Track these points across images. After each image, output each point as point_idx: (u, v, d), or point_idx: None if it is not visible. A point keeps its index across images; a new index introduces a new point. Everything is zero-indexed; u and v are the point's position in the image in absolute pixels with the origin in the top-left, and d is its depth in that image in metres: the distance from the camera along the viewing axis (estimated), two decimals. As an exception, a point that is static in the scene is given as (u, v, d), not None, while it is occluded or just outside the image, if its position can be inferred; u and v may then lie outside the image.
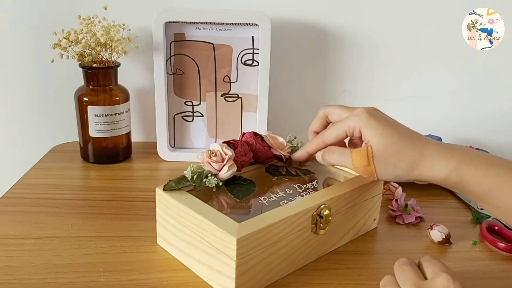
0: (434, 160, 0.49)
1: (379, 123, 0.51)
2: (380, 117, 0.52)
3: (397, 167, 0.50)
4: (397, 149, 0.49)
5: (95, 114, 0.77)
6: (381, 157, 0.50)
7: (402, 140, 0.50)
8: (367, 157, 0.51)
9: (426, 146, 0.49)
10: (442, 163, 0.48)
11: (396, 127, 0.51)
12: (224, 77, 0.84)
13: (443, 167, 0.48)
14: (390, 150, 0.50)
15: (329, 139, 0.55)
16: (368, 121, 0.51)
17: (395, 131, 0.50)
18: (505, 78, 0.91)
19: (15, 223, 0.60)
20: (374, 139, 0.50)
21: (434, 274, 0.41)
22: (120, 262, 0.53)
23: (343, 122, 0.53)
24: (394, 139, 0.50)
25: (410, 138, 0.50)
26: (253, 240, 0.46)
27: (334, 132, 0.54)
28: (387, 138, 0.50)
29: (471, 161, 0.48)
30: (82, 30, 0.75)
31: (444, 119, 0.94)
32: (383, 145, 0.50)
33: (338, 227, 0.56)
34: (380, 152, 0.50)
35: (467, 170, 0.47)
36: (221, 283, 0.48)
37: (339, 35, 0.88)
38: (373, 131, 0.50)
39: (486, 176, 0.47)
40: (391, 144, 0.50)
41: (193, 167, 0.54)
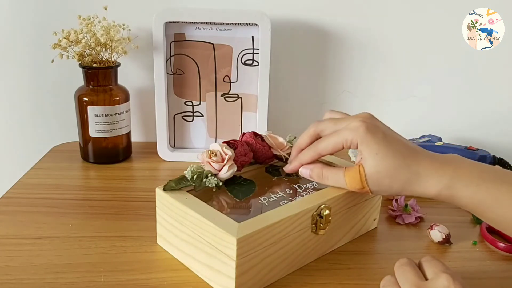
0: (427, 178, 0.49)
1: (375, 141, 0.50)
2: (377, 131, 0.50)
3: (391, 187, 0.50)
4: (391, 171, 0.49)
5: (95, 114, 0.77)
6: (374, 179, 0.50)
7: (396, 161, 0.49)
8: (361, 180, 0.51)
9: (420, 164, 0.49)
10: (433, 181, 0.49)
11: (391, 144, 0.50)
12: (224, 77, 0.84)
13: (434, 185, 0.49)
14: (384, 172, 0.50)
15: (325, 151, 0.53)
16: (365, 137, 0.50)
17: (390, 151, 0.49)
18: (505, 78, 0.91)
19: (15, 223, 0.60)
20: (369, 160, 0.50)
21: (435, 274, 0.41)
22: (120, 262, 0.53)
23: (340, 134, 0.52)
24: (388, 161, 0.49)
25: (404, 157, 0.49)
26: (253, 240, 0.46)
27: (330, 144, 0.52)
28: (381, 159, 0.49)
29: (462, 177, 0.48)
30: (82, 30, 0.75)
31: (444, 119, 0.94)
32: (376, 167, 0.50)
33: (338, 227, 0.56)
34: (373, 174, 0.50)
35: (458, 187, 0.48)
36: (221, 283, 0.48)
37: (339, 35, 0.88)
38: (368, 150, 0.50)
39: (476, 192, 0.48)
40: (385, 167, 0.49)
41: (193, 167, 0.54)
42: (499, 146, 0.92)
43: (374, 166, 0.50)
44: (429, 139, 0.81)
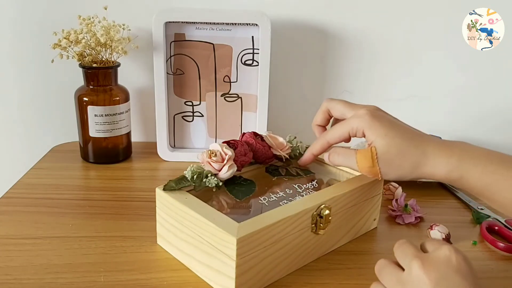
0: (435, 159, 0.50)
1: (382, 125, 0.51)
2: (382, 118, 0.52)
3: (401, 168, 0.51)
4: (401, 150, 0.50)
5: (95, 114, 0.77)
6: (385, 159, 0.51)
7: (405, 141, 0.50)
8: (372, 158, 0.52)
9: (428, 145, 0.50)
10: (443, 161, 0.49)
11: (399, 128, 0.51)
12: (224, 77, 0.84)
13: (444, 165, 0.49)
14: (394, 151, 0.50)
15: (333, 139, 0.56)
16: (371, 123, 0.51)
17: (398, 132, 0.51)
18: (505, 77, 0.91)
19: (15, 223, 0.60)
20: (378, 140, 0.51)
21: (435, 247, 0.41)
22: (120, 262, 0.53)
23: (346, 123, 0.54)
24: (397, 141, 0.50)
25: (412, 138, 0.51)
26: (253, 240, 0.46)
27: (337, 133, 0.55)
28: (391, 139, 0.50)
29: (470, 158, 0.49)
30: (82, 30, 0.75)
31: (444, 118, 0.94)
32: (386, 146, 0.51)
33: (338, 227, 0.56)
34: (384, 154, 0.51)
35: (466, 167, 0.49)
36: (221, 283, 0.48)
37: (339, 35, 0.88)
38: (376, 132, 0.51)
39: (485, 173, 0.48)
40: (395, 146, 0.50)
41: (193, 167, 0.54)
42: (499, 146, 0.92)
43: (385, 146, 0.51)
44: None
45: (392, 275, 0.42)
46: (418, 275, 0.39)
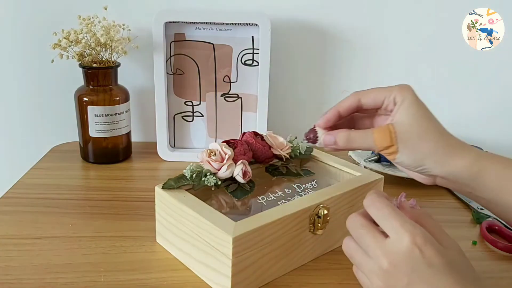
0: (456, 149, 0.48)
1: (417, 103, 0.49)
2: (419, 99, 0.50)
3: (417, 150, 0.48)
4: (423, 131, 0.48)
5: (95, 114, 0.77)
6: (404, 137, 0.48)
7: (431, 124, 0.49)
8: (390, 136, 0.48)
9: (450, 137, 0.49)
10: (463, 153, 0.48)
11: (429, 112, 0.50)
12: (224, 77, 0.84)
13: (464, 157, 0.48)
14: (415, 131, 0.48)
15: (365, 98, 0.50)
16: (411, 97, 0.49)
17: (426, 115, 0.49)
18: (505, 77, 0.91)
19: (15, 223, 0.60)
20: (404, 117, 0.48)
21: (395, 233, 0.39)
22: (120, 262, 0.53)
23: (386, 89, 0.50)
24: (423, 122, 0.48)
25: (439, 125, 0.49)
26: (249, 239, 0.46)
27: (373, 93, 0.50)
28: (416, 119, 0.48)
29: (487, 156, 0.48)
30: (82, 30, 0.75)
31: (444, 118, 0.93)
32: (409, 125, 0.48)
33: (337, 227, 0.56)
34: (405, 133, 0.48)
35: (485, 164, 0.47)
36: (217, 281, 0.48)
37: (339, 35, 0.88)
38: (408, 108, 0.49)
39: (504, 170, 0.47)
40: (418, 126, 0.48)
41: (192, 166, 0.54)
42: (499, 146, 0.92)
43: (408, 123, 0.48)
44: None
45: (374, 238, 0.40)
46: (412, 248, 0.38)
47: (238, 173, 0.55)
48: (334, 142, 0.50)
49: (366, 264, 0.41)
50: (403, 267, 0.38)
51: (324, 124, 0.51)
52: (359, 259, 0.42)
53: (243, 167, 0.55)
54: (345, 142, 0.50)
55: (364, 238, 0.41)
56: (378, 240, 0.40)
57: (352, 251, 0.43)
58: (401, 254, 0.39)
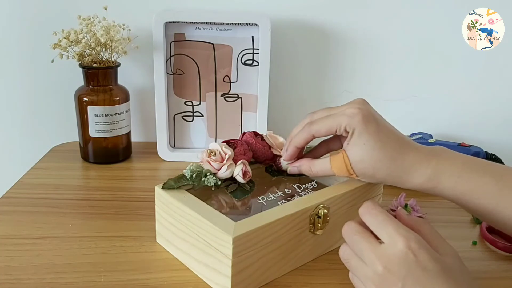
0: (410, 171, 0.50)
1: (366, 131, 0.50)
2: (371, 121, 0.51)
3: (373, 176, 0.52)
4: (375, 162, 0.51)
5: (95, 114, 0.77)
6: (359, 167, 0.52)
7: (381, 153, 0.50)
8: (347, 168, 0.52)
9: (405, 157, 0.50)
10: (417, 173, 0.50)
11: (381, 137, 0.50)
12: (224, 77, 0.84)
13: (417, 177, 0.50)
14: (367, 162, 0.51)
15: (318, 133, 0.53)
16: (359, 125, 0.50)
17: (377, 143, 0.50)
18: (505, 77, 0.91)
19: (15, 223, 0.60)
20: (355, 148, 0.51)
21: (389, 238, 0.40)
22: (120, 262, 0.53)
23: (336, 118, 0.52)
24: (373, 153, 0.50)
25: (391, 149, 0.50)
26: (249, 239, 0.46)
27: (324, 126, 0.53)
28: (367, 150, 0.50)
29: (445, 169, 0.49)
30: (82, 30, 0.75)
31: (444, 118, 0.94)
32: (361, 156, 0.51)
33: (338, 227, 0.56)
34: (358, 163, 0.51)
35: (440, 178, 0.49)
36: (217, 282, 0.48)
37: (339, 35, 0.88)
38: (358, 139, 0.51)
39: (458, 183, 0.49)
40: (370, 157, 0.50)
41: (192, 166, 0.54)
42: (499, 146, 0.92)
43: (360, 156, 0.51)
44: (420, 136, 0.82)
45: (369, 243, 0.41)
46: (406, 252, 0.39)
47: (238, 173, 0.55)
48: (299, 171, 0.57)
49: (361, 269, 0.42)
50: (397, 271, 0.39)
51: (288, 159, 0.58)
52: (354, 264, 0.43)
53: (243, 167, 0.55)
54: (308, 173, 0.57)
55: (358, 243, 0.42)
56: (373, 245, 0.41)
57: (348, 256, 0.43)
58: (396, 258, 0.39)
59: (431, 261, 0.39)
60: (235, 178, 0.56)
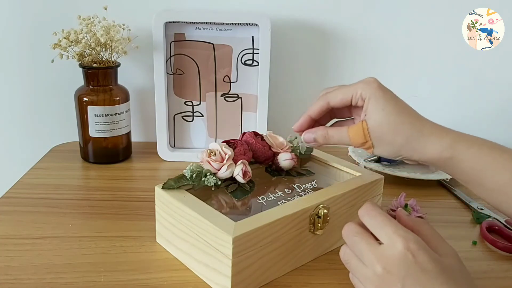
0: (429, 137, 0.49)
1: (384, 97, 0.50)
2: (387, 90, 0.51)
3: (393, 142, 0.50)
4: (394, 126, 0.49)
5: (95, 114, 0.77)
6: (377, 133, 0.50)
7: (400, 117, 0.49)
8: (364, 134, 0.51)
9: (424, 124, 0.50)
10: (436, 140, 0.49)
11: (398, 103, 0.50)
12: (224, 77, 0.84)
13: (436, 144, 0.49)
14: (386, 127, 0.50)
15: (334, 101, 0.53)
16: (376, 92, 0.50)
17: (395, 108, 0.50)
18: (505, 77, 0.91)
19: (15, 223, 0.60)
20: (374, 114, 0.50)
21: (388, 238, 0.40)
22: (120, 262, 0.53)
23: (352, 87, 0.52)
24: (392, 117, 0.49)
25: (409, 115, 0.50)
26: (249, 239, 0.46)
27: (340, 94, 0.52)
28: (386, 115, 0.49)
29: (464, 140, 0.49)
30: (82, 30, 0.75)
31: (444, 118, 0.93)
32: (380, 121, 0.50)
33: (338, 227, 0.56)
34: (377, 128, 0.50)
35: (460, 149, 0.48)
36: (217, 282, 0.48)
37: (339, 35, 0.88)
38: (376, 104, 0.50)
39: (478, 155, 0.48)
40: (389, 122, 0.49)
41: (192, 166, 0.54)
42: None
43: (378, 120, 0.50)
44: None
45: (368, 244, 0.41)
46: (405, 253, 0.39)
47: (238, 173, 0.55)
48: (314, 139, 0.55)
49: (360, 270, 0.42)
50: (397, 272, 0.39)
51: (297, 129, 0.56)
52: (354, 265, 0.43)
53: (243, 167, 0.55)
54: (323, 140, 0.54)
55: (358, 244, 0.42)
56: (372, 246, 0.41)
57: (348, 257, 0.43)
58: (395, 259, 0.39)
59: (430, 262, 0.39)
60: (235, 178, 0.56)
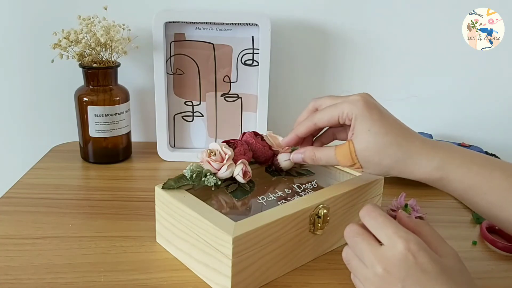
0: (417, 159, 0.48)
1: (370, 117, 0.49)
2: (374, 109, 0.50)
3: (380, 164, 0.49)
4: (381, 148, 0.49)
5: (95, 114, 0.77)
6: (364, 155, 0.50)
7: (387, 138, 0.48)
8: (351, 156, 0.50)
9: (412, 143, 0.49)
10: (424, 161, 0.48)
11: (385, 123, 0.49)
12: (224, 77, 0.84)
13: (425, 165, 0.48)
14: (373, 149, 0.49)
15: (321, 122, 0.53)
16: (362, 111, 0.49)
17: (382, 128, 0.49)
18: (505, 77, 0.91)
19: (15, 223, 0.60)
20: (360, 136, 0.49)
21: (389, 239, 0.40)
22: (120, 262, 0.53)
23: (338, 106, 0.51)
24: (379, 138, 0.48)
25: (396, 135, 0.49)
26: (249, 239, 0.46)
27: (326, 115, 0.52)
28: (373, 136, 0.49)
29: (453, 159, 0.48)
30: (82, 30, 0.75)
31: (444, 118, 0.94)
32: (367, 143, 0.49)
33: (338, 227, 0.56)
34: (363, 151, 0.49)
35: (449, 169, 0.47)
36: (217, 282, 0.48)
37: (339, 35, 0.88)
38: (362, 125, 0.49)
39: (468, 175, 0.47)
40: (376, 143, 0.49)
41: (192, 166, 0.54)
42: (499, 146, 0.92)
43: (365, 142, 0.49)
44: None
45: (369, 245, 0.41)
46: (405, 254, 0.39)
47: (238, 173, 0.55)
48: (302, 159, 0.55)
49: (361, 271, 0.42)
50: (397, 273, 0.39)
51: (285, 145, 0.57)
52: (355, 266, 0.43)
53: (243, 167, 0.55)
54: (311, 162, 0.55)
55: (359, 245, 0.42)
56: (373, 247, 0.41)
57: (349, 258, 0.44)
58: (395, 260, 0.39)
59: (431, 263, 0.39)
60: (235, 178, 0.56)
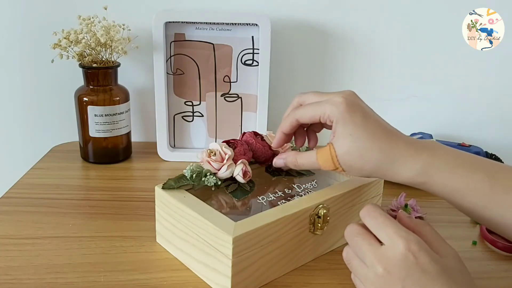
0: (400, 163, 0.47)
1: (352, 121, 0.48)
2: (356, 111, 0.48)
3: (361, 169, 0.49)
4: (362, 152, 0.48)
5: (95, 114, 0.77)
6: (345, 160, 0.49)
7: (370, 142, 0.47)
8: (332, 161, 0.50)
9: (395, 147, 0.48)
10: (407, 166, 0.47)
11: (367, 126, 0.48)
12: (224, 77, 0.84)
13: (408, 170, 0.47)
14: (354, 153, 0.48)
15: (303, 119, 0.52)
16: (344, 114, 0.48)
17: (364, 133, 0.48)
18: (505, 77, 0.91)
19: (15, 223, 0.60)
20: (341, 139, 0.48)
21: (390, 239, 0.40)
22: (120, 262, 0.53)
23: (320, 106, 0.50)
24: (360, 143, 0.48)
25: (379, 140, 0.48)
26: (249, 239, 0.46)
27: (309, 112, 0.51)
28: (354, 141, 0.48)
29: (436, 163, 0.47)
30: (82, 30, 0.75)
31: (444, 118, 0.94)
32: (348, 148, 0.48)
33: (337, 227, 0.56)
34: (345, 155, 0.49)
35: (432, 173, 0.47)
36: (217, 282, 0.48)
37: (339, 35, 0.88)
38: (343, 128, 0.48)
39: (450, 178, 0.47)
40: (357, 148, 0.48)
41: (192, 166, 0.54)
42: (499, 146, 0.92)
43: (346, 147, 0.48)
44: (421, 137, 0.81)
45: (369, 245, 0.41)
46: (406, 254, 0.39)
47: (238, 173, 0.55)
48: (284, 164, 0.55)
49: (361, 271, 0.42)
50: (397, 273, 0.39)
51: (275, 147, 0.57)
52: (355, 266, 0.43)
53: (243, 167, 0.55)
54: (293, 167, 0.55)
55: (359, 245, 0.42)
56: (373, 247, 0.41)
57: (350, 258, 0.44)
58: (396, 260, 0.39)
59: (431, 263, 0.39)
60: (235, 178, 0.56)
